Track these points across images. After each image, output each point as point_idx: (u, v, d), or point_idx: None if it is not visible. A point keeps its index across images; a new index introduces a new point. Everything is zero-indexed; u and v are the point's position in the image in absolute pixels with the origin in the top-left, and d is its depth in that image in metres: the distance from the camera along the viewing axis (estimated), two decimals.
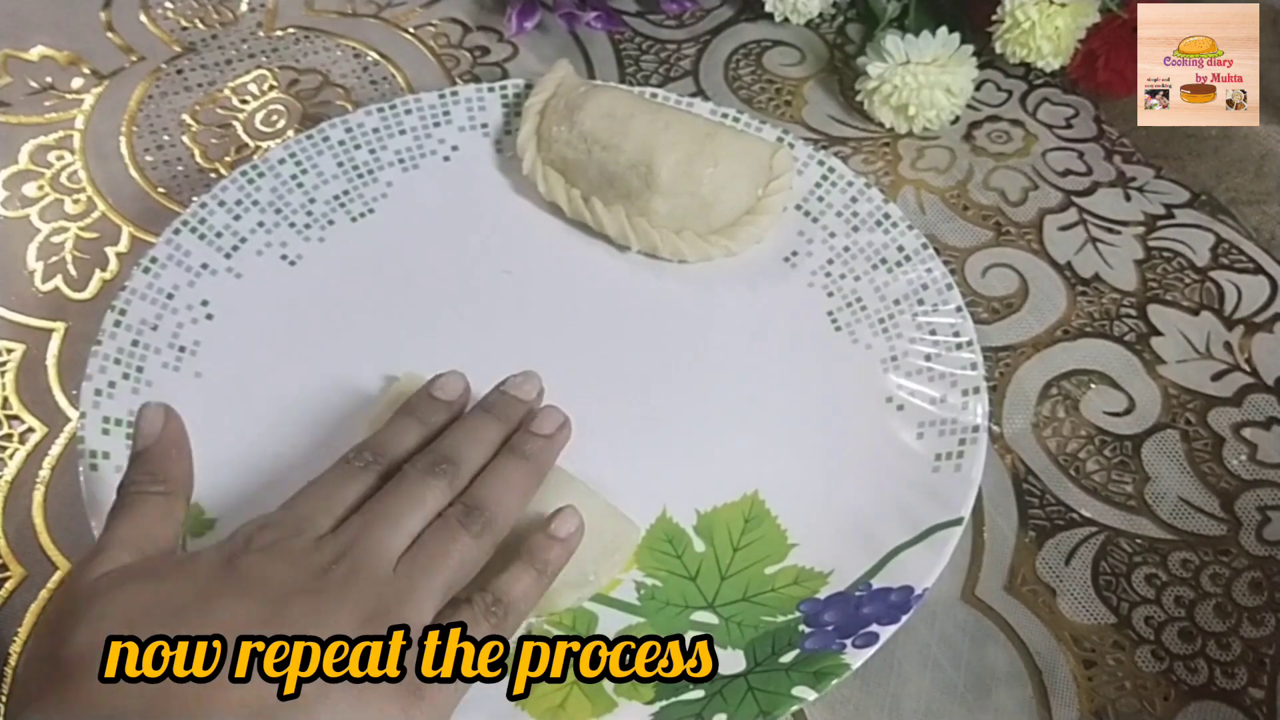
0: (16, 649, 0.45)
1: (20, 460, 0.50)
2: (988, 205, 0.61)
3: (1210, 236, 0.60)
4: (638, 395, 0.51)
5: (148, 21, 0.70)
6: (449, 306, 0.53)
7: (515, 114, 0.59)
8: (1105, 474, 0.51)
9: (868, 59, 0.63)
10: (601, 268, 0.55)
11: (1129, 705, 0.45)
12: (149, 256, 0.51)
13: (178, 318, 0.50)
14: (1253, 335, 0.56)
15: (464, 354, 0.46)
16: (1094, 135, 0.65)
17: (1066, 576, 0.48)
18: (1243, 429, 0.53)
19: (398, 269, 0.54)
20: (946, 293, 0.52)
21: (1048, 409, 0.53)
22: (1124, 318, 0.57)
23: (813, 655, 0.41)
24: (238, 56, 0.68)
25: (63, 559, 0.47)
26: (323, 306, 0.52)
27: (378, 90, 0.66)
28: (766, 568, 0.45)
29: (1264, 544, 0.49)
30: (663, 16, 0.71)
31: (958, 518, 0.45)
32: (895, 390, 0.51)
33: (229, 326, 0.51)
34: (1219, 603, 0.47)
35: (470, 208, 0.57)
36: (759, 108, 0.66)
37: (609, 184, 0.55)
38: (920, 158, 0.63)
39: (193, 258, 0.52)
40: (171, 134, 0.63)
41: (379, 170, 0.57)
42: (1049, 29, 0.62)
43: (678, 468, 0.48)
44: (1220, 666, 0.46)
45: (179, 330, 0.50)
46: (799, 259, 0.55)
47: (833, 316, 0.53)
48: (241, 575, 0.34)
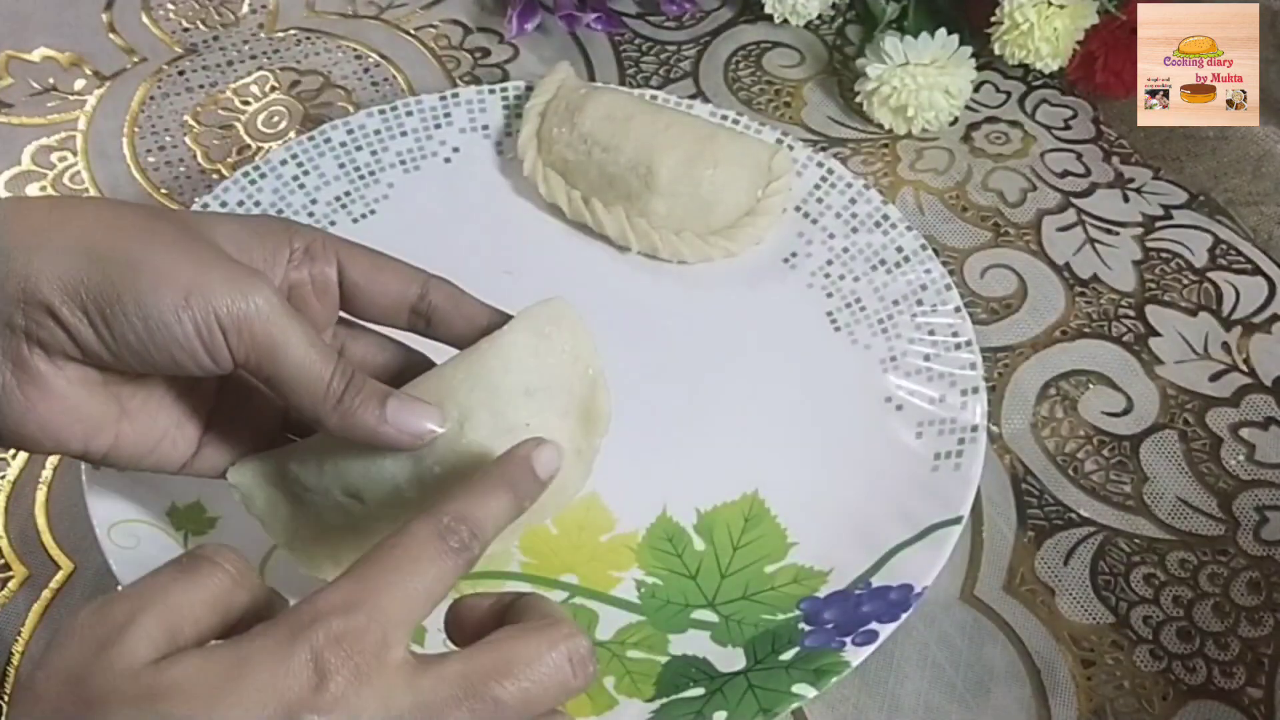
0: (19, 648, 0.45)
1: (23, 460, 0.50)
2: (986, 206, 0.61)
3: (1208, 237, 0.60)
4: (638, 395, 0.51)
5: (149, 23, 0.70)
6: None
7: (516, 116, 0.59)
8: (1104, 474, 0.51)
9: (867, 60, 0.63)
10: (601, 269, 0.55)
11: (1127, 705, 0.45)
12: None
13: None
14: (1250, 336, 0.56)
15: None
16: (1092, 136, 0.65)
17: (1065, 576, 0.48)
18: (1240, 429, 0.53)
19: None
20: (945, 293, 0.53)
21: (1046, 409, 0.53)
22: (1122, 318, 0.57)
23: (812, 653, 0.41)
24: (239, 58, 0.68)
25: (65, 558, 0.48)
26: None
27: (379, 92, 0.66)
28: (766, 566, 0.45)
29: (1262, 544, 0.49)
30: (663, 18, 0.71)
31: (957, 516, 0.45)
32: (894, 390, 0.51)
33: None
34: (1217, 602, 0.48)
35: (471, 209, 0.57)
36: (758, 109, 0.66)
37: (609, 185, 0.55)
38: (919, 159, 0.64)
39: None
40: (173, 135, 0.64)
41: (380, 172, 0.58)
42: (1047, 30, 0.63)
43: (678, 467, 0.48)
44: (1218, 666, 0.46)
45: None
46: (798, 260, 0.56)
47: (832, 317, 0.54)
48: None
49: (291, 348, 0.34)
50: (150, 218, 0.34)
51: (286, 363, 0.34)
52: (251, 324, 0.33)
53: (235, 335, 0.33)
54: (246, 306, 0.33)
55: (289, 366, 0.34)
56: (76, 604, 0.47)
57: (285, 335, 0.34)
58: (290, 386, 0.34)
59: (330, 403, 0.35)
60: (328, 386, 0.34)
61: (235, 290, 0.33)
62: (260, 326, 0.33)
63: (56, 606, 0.47)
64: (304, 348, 0.34)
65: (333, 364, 0.35)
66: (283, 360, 0.34)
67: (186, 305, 0.32)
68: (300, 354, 0.34)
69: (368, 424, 0.35)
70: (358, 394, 0.35)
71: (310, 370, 0.34)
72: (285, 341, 0.34)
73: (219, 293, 0.33)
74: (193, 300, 0.32)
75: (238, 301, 0.33)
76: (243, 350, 0.33)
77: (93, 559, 0.47)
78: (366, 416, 0.35)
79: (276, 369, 0.34)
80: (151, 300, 0.32)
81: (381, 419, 0.35)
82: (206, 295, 0.32)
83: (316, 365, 0.34)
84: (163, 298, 0.32)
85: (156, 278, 0.32)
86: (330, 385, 0.34)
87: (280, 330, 0.34)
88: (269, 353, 0.34)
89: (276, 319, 0.33)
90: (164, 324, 0.32)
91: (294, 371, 0.34)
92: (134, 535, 0.43)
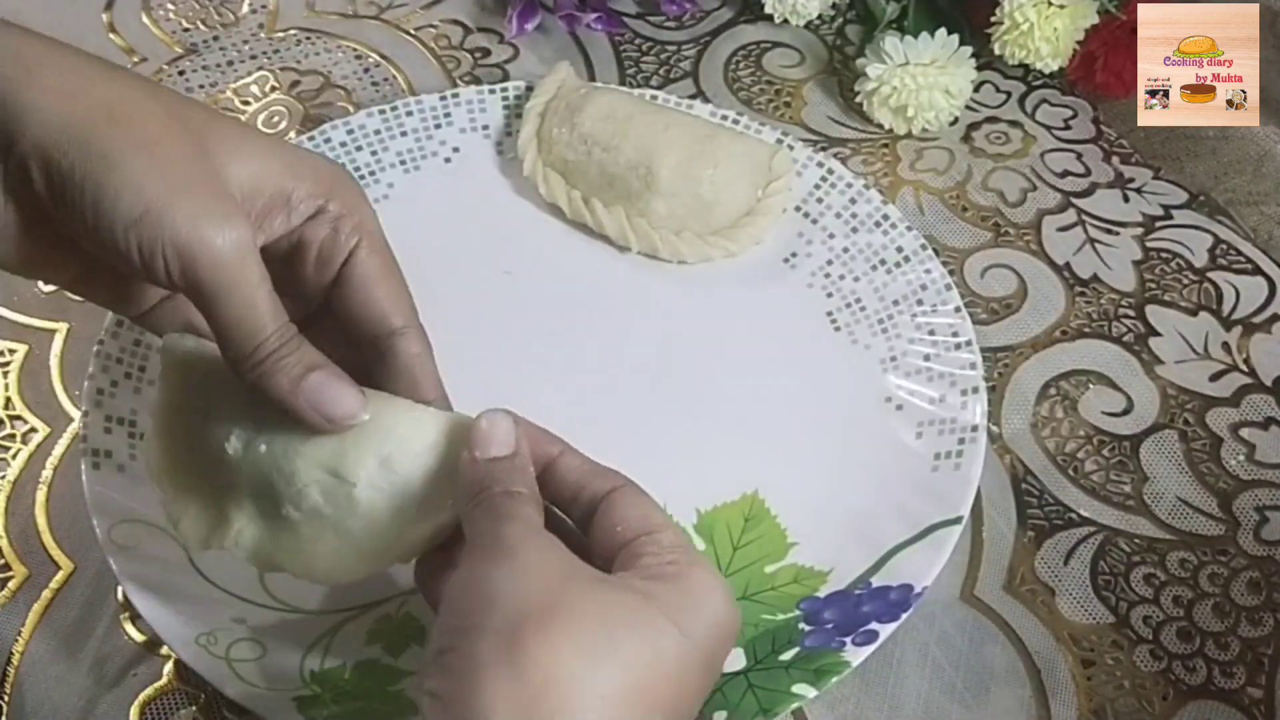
0: (19, 648, 0.45)
1: (23, 460, 0.50)
2: (986, 206, 0.61)
3: (1208, 237, 0.60)
4: (638, 395, 0.51)
5: (149, 23, 0.70)
6: (450, 307, 0.53)
7: (516, 116, 0.59)
8: (1104, 474, 0.51)
9: (867, 60, 0.63)
10: (602, 269, 0.55)
11: (1127, 704, 0.45)
12: None
13: None
14: (1251, 336, 0.56)
15: (464, 354, 0.46)
16: (1092, 136, 0.65)
17: (1065, 576, 0.48)
18: (1241, 429, 0.53)
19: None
20: (945, 293, 0.53)
21: (1046, 409, 0.53)
22: (1122, 318, 0.57)
23: (812, 653, 0.42)
24: (239, 58, 0.68)
25: (65, 558, 0.48)
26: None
27: (379, 92, 0.66)
28: (766, 566, 0.45)
29: (1262, 544, 0.49)
30: (663, 18, 0.71)
31: (957, 516, 0.45)
32: (894, 390, 0.51)
33: None
34: (1217, 602, 0.48)
35: (471, 209, 0.57)
36: (758, 109, 0.66)
37: (609, 185, 0.55)
38: (919, 159, 0.64)
39: None
40: None
41: (380, 172, 0.58)
42: (1047, 30, 0.63)
43: (678, 467, 0.48)
44: (1219, 666, 0.46)
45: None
46: (798, 260, 0.56)
47: (832, 317, 0.54)
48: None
49: (234, 300, 0.32)
50: (163, 119, 0.33)
51: (223, 309, 0.32)
52: (198, 262, 0.31)
53: (177, 267, 0.31)
54: (200, 245, 0.31)
55: (225, 314, 0.32)
56: (77, 604, 0.47)
57: (232, 286, 0.32)
58: (221, 330, 0.33)
59: (253, 360, 0.33)
60: (259, 344, 0.33)
61: (196, 224, 0.31)
62: (206, 268, 0.31)
63: (56, 606, 0.46)
64: (246, 305, 0.32)
65: (275, 324, 0.33)
66: (220, 306, 0.32)
67: (138, 223, 0.31)
68: (240, 308, 0.32)
69: (280, 388, 0.33)
70: (284, 357, 0.33)
71: (247, 325, 0.32)
72: (230, 292, 0.32)
73: (178, 221, 0.31)
74: (145, 220, 0.31)
75: (193, 237, 0.31)
76: (181, 281, 0.32)
77: (93, 559, 0.47)
78: (281, 381, 0.33)
79: (212, 310, 0.32)
80: (108, 204, 0.31)
81: (296, 388, 0.33)
82: (162, 219, 0.31)
83: (255, 321, 0.32)
84: (118, 206, 0.31)
85: (122, 184, 0.31)
86: (262, 344, 0.33)
87: (228, 279, 0.32)
88: (209, 294, 0.32)
89: (229, 266, 0.32)
90: (109, 229, 0.31)
91: (228, 320, 0.32)
92: (134, 535, 0.43)
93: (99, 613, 0.46)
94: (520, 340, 0.52)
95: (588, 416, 0.46)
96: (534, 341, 0.52)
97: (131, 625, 0.46)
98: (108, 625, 0.46)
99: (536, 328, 0.53)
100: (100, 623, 0.46)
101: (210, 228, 0.31)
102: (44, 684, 0.44)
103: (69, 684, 0.44)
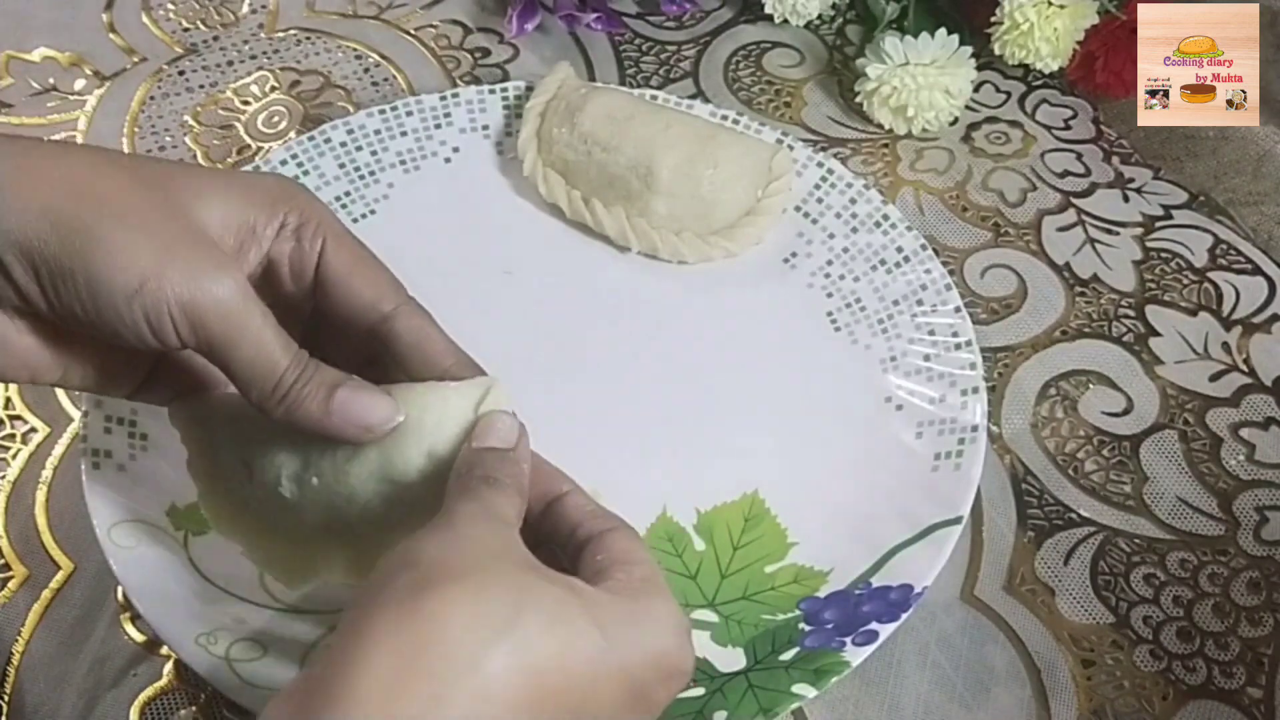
0: (19, 648, 0.45)
1: (23, 460, 0.50)
2: (986, 206, 0.61)
3: (1208, 237, 0.60)
4: (638, 395, 0.51)
5: (149, 23, 0.70)
6: (450, 307, 0.53)
7: (516, 116, 0.59)
8: (1104, 474, 0.51)
9: (867, 60, 0.63)
10: (602, 269, 0.55)
11: (1127, 705, 0.45)
12: None
13: None
14: (1250, 336, 0.56)
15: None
16: (1092, 136, 0.65)
17: (1065, 576, 0.48)
18: (1241, 429, 0.53)
19: (398, 270, 0.53)
20: (945, 293, 0.53)
21: (1046, 409, 0.53)
22: (1122, 318, 0.57)
23: (812, 653, 0.42)
24: (239, 58, 0.68)
25: (65, 558, 0.48)
26: None
27: (379, 92, 0.66)
28: (766, 566, 0.45)
29: (1262, 544, 0.49)
30: (663, 18, 0.71)
31: (957, 516, 0.45)
32: (894, 390, 0.51)
33: None
34: (1217, 602, 0.48)
35: (471, 209, 0.57)
36: (758, 109, 0.66)
37: (609, 185, 0.55)
38: (919, 159, 0.64)
39: None
40: (174, 135, 0.64)
41: (380, 172, 0.58)
42: (1047, 30, 0.63)
43: (678, 467, 0.48)
44: (1219, 666, 0.46)
45: None
46: (798, 260, 0.56)
47: (832, 317, 0.54)
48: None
49: (245, 344, 0.32)
50: (129, 183, 0.33)
51: (237, 357, 0.33)
52: (205, 317, 0.32)
53: (186, 326, 0.32)
54: (203, 299, 0.32)
55: (239, 361, 0.33)
56: (77, 604, 0.47)
57: (241, 331, 0.32)
58: (240, 377, 0.33)
59: (276, 396, 0.33)
60: (278, 380, 0.33)
61: (194, 281, 0.32)
62: (215, 321, 0.32)
63: (56, 606, 0.46)
64: (257, 345, 0.33)
65: (289, 357, 0.33)
66: (234, 354, 0.33)
67: (139, 292, 0.31)
68: (252, 351, 0.33)
69: (312, 416, 0.33)
70: (305, 384, 0.33)
71: (261, 365, 0.33)
72: (239, 338, 0.32)
73: (176, 282, 0.31)
74: (146, 288, 0.31)
75: (195, 294, 0.31)
76: (192, 339, 0.32)
77: (93, 559, 0.47)
78: (311, 408, 0.33)
79: (226, 360, 0.33)
80: (104, 279, 0.31)
81: (326, 411, 0.33)
82: (161, 284, 0.31)
83: (269, 360, 0.33)
84: (115, 280, 0.31)
85: (112, 258, 0.31)
86: (281, 379, 0.33)
87: (236, 326, 0.32)
88: (221, 345, 0.32)
89: (234, 314, 0.32)
90: (112, 306, 0.31)
91: (244, 366, 0.33)
92: (134, 535, 0.43)
93: (99, 613, 0.46)
94: (520, 340, 0.51)
95: (588, 416, 0.46)
96: (534, 341, 0.52)
97: (131, 625, 0.46)
98: (108, 625, 0.46)
99: (536, 328, 0.53)
100: (100, 623, 0.46)
101: (208, 281, 0.32)
102: (44, 684, 0.44)
103: (69, 684, 0.44)
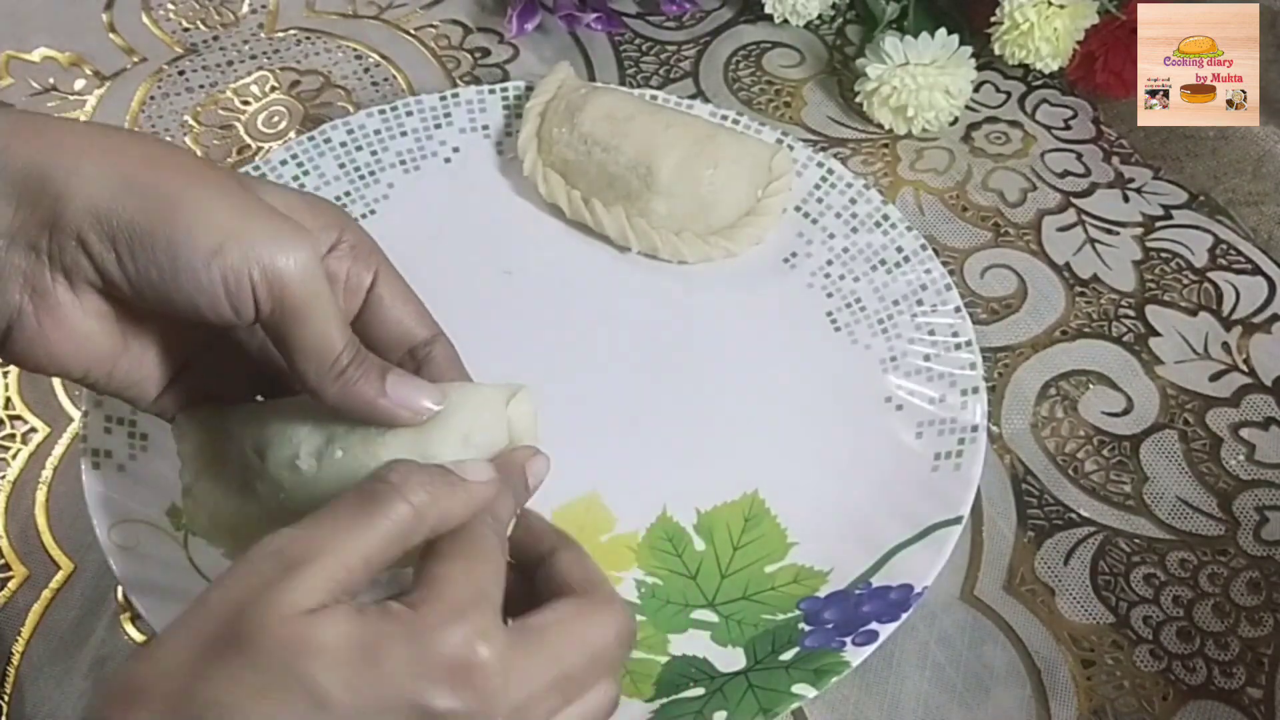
0: (19, 648, 0.45)
1: (23, 460, 0.50)
2: (986, 206, 0.61)
3: (1208, 237, 0.60)
4: (638, 395, 0.51)
5: (149, 23, 0.70)
6: (450, 307, 0.53)
7: (516, 116, 0.59)
8: (1104, 474, 0.51)
9: (867, 60, 0.63)
10: (601, 268, 0.55)
11: (1127, 705, 0.45)
12: None
13: None
14: (1250, 336, 0.56)
15: (464, 354, 0.46)
16: (1092, 136, 0.65)
17: (1065, 576, 0.48)
18: (1241, 429, 0.53)
19: (399, 270, 0.54)
20: (945, 293, 0.53)
21: (1046, 409, 0.53)
22: (1122, 318, 0.57)
23: (812, 653, 0.41)
24: (239, 58, 0.68)
25: (65, 558, 0.48)
26: None
27: (379, 91, 0.66)
28: (766, 566, 0.45)
29: (1262, 544, 0.49)
30: (663, 18, 0.71)
31: (957, 516, 0.45)
32: (894, 390, 0.51)
33: None
34: (1217, 602, 0.48)
35: (471, 209, 0.57)
36: (758, 109, 0.66)
37: (609, 185, 0.55)
38: (919, 159, 0.64)
39: None
40: (174, 135, 0.64)
41: (380, 172, 0.58)
42: (1047, 31, 0.63)
43: (678, 467, 0.48)
44: (1219, 666, 0.46)
45: None
46: (798, 260, 0.56)
47: (832, 317, 0.54)
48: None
49: (316, 316, 0.33)
50: (198, 160, 0.33)
51: (307, 329, 0.33)
52: (285, 282, 0.32)
53: (265, 291, 0.32)
54: (286, 263, 0.32)
55: (308, 333, 0.33)
56: (76, 604, 0.47)
57: (316, 301, 0.32)
58: (303, 352, 0.33)
59: (333, 374, 0.34)
60: (336, 359, 0.34)
61: (276, 245, 0.32)
62: (295, 287, 0.32)
63: (56, 606, 0.46)
64: (325, 320, 0.33)
65: (346, 338, 0.34)
66: (305, 325, 0.33)
67: (219, 252, 0.31)
68: (322, 324, 0.33)
69: (367, 396, 0.34)
70: (359, 367, 0.34)
71: (326, 340, 0.33)
72: (313, 308, 0.33)
73: (258, 244, 0.31)
74: (227, 248, 0.31)
75: (276, 257, 0.31)
76: (268, 307, 0.32)
77: (93, 559, 0.47)
78: (366, 389, 0.34)
79: (296, 332, 0.33)
80: (184, 241, 0.31)
81: (381, 392, 0.34)
82: (244, 245, 0.31)
83: (333, 337, 0.33)
84: (196, 240, 0.31)
85: (193, 219, 0.31)
86: (339, 358, 0.34)
87: (313, 295, 0.32)
88: (294, 314, 0.33)
89: (312, 282, 0.32)
90: (191, 268, 0.31)
91: (311, 339, 0.33)
92: (134, 535, 0.43)
93: (99, 613, 0.46)
94: (520, 340, 0.52)
95: (588, 417, 0.46)
96: (534, 341, 0.52)
97: (131, 625, 0.46)
98: (108, 625, 0.46)
99: (536, 328, 0.53)
100: (100, 623, 0.46)
101: (290, 246, 0.32)
102: (44, 684, 0.45)
103: (69, 684, 0.44)
